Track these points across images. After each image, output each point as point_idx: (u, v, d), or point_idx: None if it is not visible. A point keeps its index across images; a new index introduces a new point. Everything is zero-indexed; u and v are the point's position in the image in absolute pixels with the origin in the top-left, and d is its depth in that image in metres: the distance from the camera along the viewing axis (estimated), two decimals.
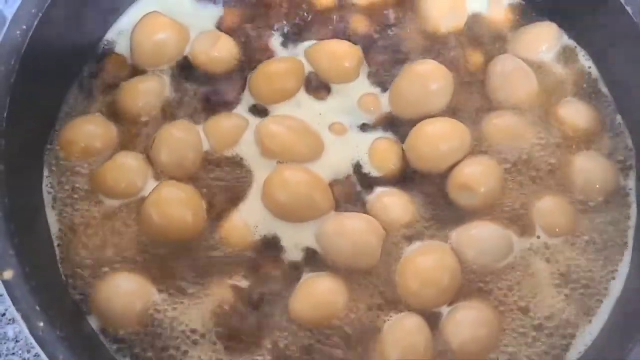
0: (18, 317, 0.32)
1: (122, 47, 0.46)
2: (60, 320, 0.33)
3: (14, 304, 0.33)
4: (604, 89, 0.46)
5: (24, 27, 0.39)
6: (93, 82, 0.45)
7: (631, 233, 0.41)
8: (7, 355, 0.44)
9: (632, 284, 0.39)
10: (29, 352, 0.44)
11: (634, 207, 0.42)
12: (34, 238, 0.38)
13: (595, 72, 0.46)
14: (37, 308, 0.33)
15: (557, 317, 0.39)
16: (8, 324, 0.45)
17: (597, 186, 0.42)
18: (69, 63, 0.44)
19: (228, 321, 0.38)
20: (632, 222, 0.42)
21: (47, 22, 0.39)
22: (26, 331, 0.32)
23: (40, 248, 0.38)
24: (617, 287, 0.40)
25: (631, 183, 0.43)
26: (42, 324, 0.32)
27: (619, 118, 0.45)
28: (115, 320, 0.37)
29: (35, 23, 0.39)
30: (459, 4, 0.47)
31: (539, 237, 0.41)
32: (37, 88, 0.40)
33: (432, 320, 0.38)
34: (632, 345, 0.34)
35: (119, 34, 0.46)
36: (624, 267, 0.40)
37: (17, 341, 0.44)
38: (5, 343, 0.44)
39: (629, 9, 0.41)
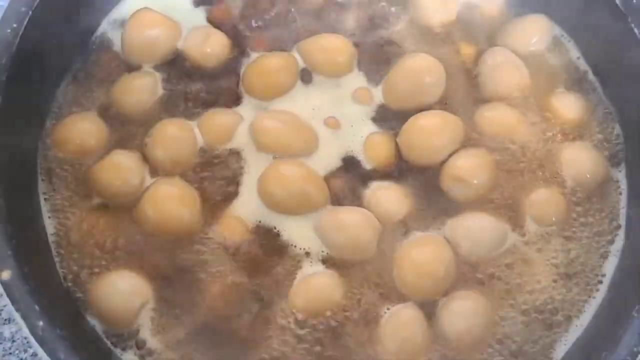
0: (17, 317, 0.32)
1: (114, 43, 0.45)
2: (60, 319, 0.33)
3: (13, 304, 0.32)
4: (594, 80, 0.46)
5: (14, 24, 0.38)
6: (85, 79, 0.44)
7: (622, 221, 0.42)
8: (3, 355, 0.43)
9: (623, 272, 0.40)
10: (25, 351, 0.44)
11: (624, 195, 0.43)
12: (31, 238, 0.37)
13: (584, 62, 0.47)
14: (36, 308, 0.33)
15: (551, 304, 0.39)
16: (4, 323, 0.44)
17: (588, 176, 0.42)
18: (60, 59, 0.43)
19: (226, 315, 0.38)
20: (623, 210, 0.42)
21: (37, 19, 0.39)
22: (25, 331, 0.32)
23: (37, 248, 0.38)
24: (608, 274, 0.41)
25: (621, 172, 0.44)
26: (41, 323, 0.32)
27: (608, 108, 0.45)
28: (114, 317, 0.37)
29: (26, 20, 0.39)
30: None
31: (531, 227, 0.41)
32: (29, 85, 0.39)
33: (428, 310, 0.38)
34: (622, 331, 0.35)
35: (111, 29, 0.46)
36: (615, 256, 0.41)
37: (13, 341, 0.44)
38: (1, 343, 0.44)
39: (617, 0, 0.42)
